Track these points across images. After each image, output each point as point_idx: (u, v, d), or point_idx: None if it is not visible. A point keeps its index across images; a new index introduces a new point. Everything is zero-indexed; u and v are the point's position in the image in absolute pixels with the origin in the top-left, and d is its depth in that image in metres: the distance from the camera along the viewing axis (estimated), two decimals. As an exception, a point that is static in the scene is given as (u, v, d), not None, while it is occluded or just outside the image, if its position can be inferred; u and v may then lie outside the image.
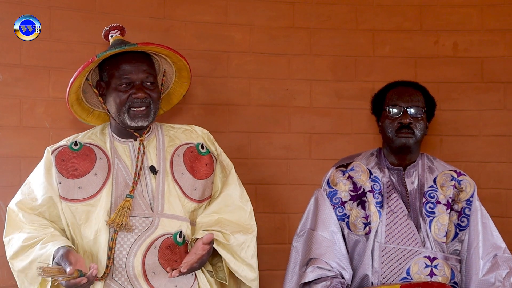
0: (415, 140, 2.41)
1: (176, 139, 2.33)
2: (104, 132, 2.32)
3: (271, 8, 3.13)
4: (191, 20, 3.05)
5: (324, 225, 2.41)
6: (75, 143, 2.26)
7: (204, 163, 2.31)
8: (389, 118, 2.44)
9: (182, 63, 2.29)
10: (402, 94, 2.45)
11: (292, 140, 3.15)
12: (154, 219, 2.17)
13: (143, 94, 2.17)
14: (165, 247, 2.15)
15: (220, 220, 2.24)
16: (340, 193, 2.46)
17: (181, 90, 2.42)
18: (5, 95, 2.76)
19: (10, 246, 2.17)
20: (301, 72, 3.15)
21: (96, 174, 2.20)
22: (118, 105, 2.19)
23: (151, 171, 2.23)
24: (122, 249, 2.13)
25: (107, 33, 2.29)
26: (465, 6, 3.16)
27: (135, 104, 2.18)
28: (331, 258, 2.34)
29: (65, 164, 2.21)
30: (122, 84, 2.18)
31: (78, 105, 2.31)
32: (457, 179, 2.47)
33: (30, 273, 2.12)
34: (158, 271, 2.12)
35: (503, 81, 3.13)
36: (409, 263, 2.32)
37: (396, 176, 2.48)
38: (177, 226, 2.19)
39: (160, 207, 2.19)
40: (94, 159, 2.23)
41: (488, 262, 2.34)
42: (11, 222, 2.21)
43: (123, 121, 2.21)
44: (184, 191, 2.24)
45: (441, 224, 2.38)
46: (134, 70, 2.18)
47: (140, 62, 2.20)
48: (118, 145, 2.27)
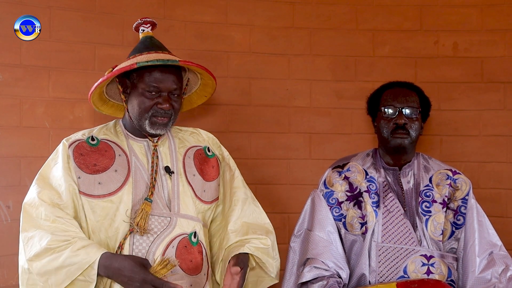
0: (410, 140, 2.42)
1: (185, 141, 2.34)
2: (117, 129, 2.30)
3: (271, 8, 3.14)
4: (191, 20, 3.06)
5: (320, 226, 2.42)
6: (91, 138, 2.23)
7: (211, 166, 2.34)
8: (384, 118, 2.45)
9: (211, 81, 2.31)
10: (397, 94, 2.46)
11: (292, 140, 3.15)
12: (172, 218, 2.17)
13: (169, 106, 2.17)
14: (182, 246, 2.15)
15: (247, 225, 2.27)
16: (336, 194, 2.47)
17: (197, 101, 2.44)
18: (5, 95, 2.76)
19: (30, 247, 2.06)
20: (301, 72, 3.16)
21: (117, 170, 2.18)
22: (141, 110, 2.18)
23: (166, 171, 2.24)
24: (141, 247, 2.12)
25: (138, 26, 2.29)
26: (465, 6, 3.16)
27: (158, 113, 2.18)
28: (328, 258, 2.35)
29: (83, 158, 2.18)
30: (150, 91, 2.16)
31: (97, 96, 2.29)
32: (453, 177, 2.48)
33: (54, 279, 2.02)
34: (175, 270, 2.11)
35: (503, 81, 3.13)
36: (406, 262, 2.32)
37: (392, 176, 2.48)
38: (192, 226, 2.20)
39: (177, 207, 2.20)
40: (113, 155, 2.21)
41: (484, 259, 2.35)
42: (28, 218, 2.09)
43: (142, 126, 2.20)
44: (195, 192, 2.26)
45: (437, 222, 2.38)
46: (165, 80, 2.17)
47: (171, 73, 2.18)
48: (134, 143, 2.26)
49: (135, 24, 2.29)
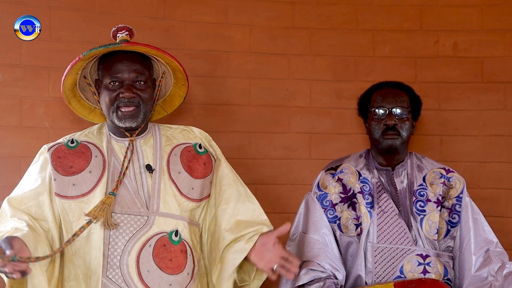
0: (401, 141, 2.43)
1: (173, 139, 2.33)
2: (101, 130, 2.32)
3: (271, 8, 3.14)
4: (191, 20, 3.06)
5: (315, 228, 2.43)
6: (71, 140, 2.26)
7: (202, 163, 2.31)
8: (375, 120, 2.45)
9: (174, 64, 2.28)
10: (387, 95, 2.46)
11: (292, 140, 3.15)
12: (149, 217, 2.17)
13: (131, 93, 2.18)
14: (160, 245, 2.15)
15: (241, 223, 2.26)
16: (330, 196, 2.47)
17: (180, 92, 2.42)
18: (5, 95, 2.77)
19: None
20: (301, 72, 3.15)
21: (91, 171, 2.20)
22: (107, 104, 2.21)
23: (147, 169, 2.23)
24: (117, 246, 2.12)
25: (115, 33, 2.29)
26: (465, 6, 3.16)
27: (122, 103, 2.19)
28: (323, 260, 2.35)
29: (60, 161, 2.21)
30: (112, 82, 2.20)
31: (77, 103, 2.33)
32: (446, 176, 2.48)
33: None
34: (152, 269, 2.12)
35: (503, 81, 3.13)
36: (402, 261, 2.33)
37: (385, 176, 2.48)
38: (173, 225, 2.19)
39: (156, 205, 2.19)
40: (89, 157, 2.23)
41: (480, 257, 2.35)
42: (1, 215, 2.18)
43: (113, 121, 2.22)
44: (180, 190, 2.24)
45: (432, 221, 2.38)
46: (125, 69, 2.19)
47: (132, 62, 2.20)
48: (115, 143, 2.28)
49: (112, 32, 2.30)
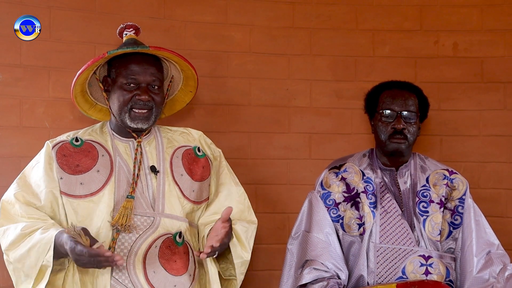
0: (407, 145, 2.42)
1: (174, 141, 2.34)
2: (103, 129, 2.32)
3: (271, 8, 3.14)
4: (191, 20, 3.06)
5: (318, 227, 2.42)
6: (76, 139, 2.25)
7: (201, 166, 2.33)
8: (382, 121, 2.44)
9: (190, 72, 2.31)
10: (396, 97, 2.44)
11: (292, 140, 3.15)
12: (155, 218, 2.18)
13: (147, 97, 2.19)
14: (165, 246, 2.15)
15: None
16: (333, 195, 2.47)
17: (185, 98, 2.44)
18: (5, 95, 2.77)
19: (6, 237, 2.11)
20: (301, 72, 3.15)
21: (99, 171, 2.20)
22: (121, 104, 2.20)
23: (152, 171, 2.24)
24: (123, 247, 2.13)
25: (122, 31, 2.30)
26: (465, 6, 3.16)
27: (137, 105, 2.20)
28: (327, 259, 2.34)
29: (66, 159, 2.20)
30: (128, 83, 2.20)
31: (81, 97, 2.32)
32: (450, 177, 2.48)
33: (28, 261, 2.05)
34: (158, 270, 2.13)
35: (503, 81, 3.13)
36: (404, 262, 2.32)
37: (388, 177, 2.48)
38: (177, 227, 2.20)
39: (161, 206, 2.20)
40: (96, 155, 2.23)
41: (482, 259, 2.35)
42: (5, 214, 2.15)
43: (123, 120, 2.22)
44: (183, 192, 2.26)
45: (434, 223, 2.38)
46: (142, 72, 2.20)
47: (149, 65, 2.21)
48: (119, 143, 2.28)
49: (118, 29, 2.30)
